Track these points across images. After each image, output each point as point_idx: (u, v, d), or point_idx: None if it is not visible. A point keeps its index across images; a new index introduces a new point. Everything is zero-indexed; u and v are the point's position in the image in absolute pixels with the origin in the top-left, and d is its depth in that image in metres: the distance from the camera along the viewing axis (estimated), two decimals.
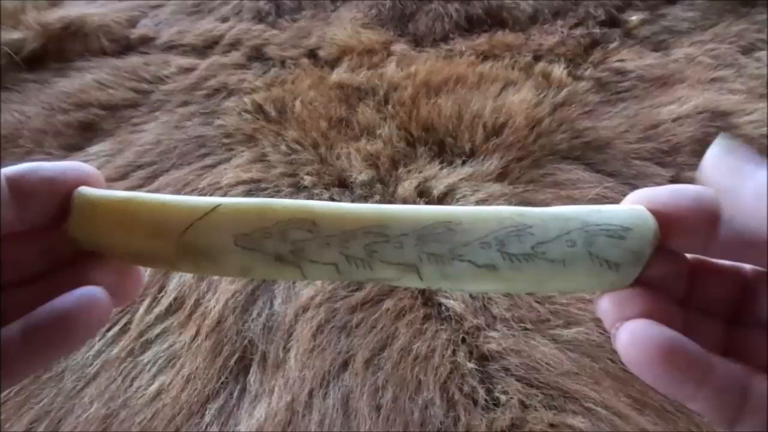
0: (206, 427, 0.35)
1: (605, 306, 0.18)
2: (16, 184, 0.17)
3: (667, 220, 0.18)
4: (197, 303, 0.41)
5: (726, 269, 0.19)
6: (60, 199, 0.18)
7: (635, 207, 0.18)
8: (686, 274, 0.19)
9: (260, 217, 0.19)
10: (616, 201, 0.19)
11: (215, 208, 0.19)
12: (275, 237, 0.19)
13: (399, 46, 0.67)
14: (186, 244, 0.19)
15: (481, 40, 0.67)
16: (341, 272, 0.19)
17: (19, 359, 0.16)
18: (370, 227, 0.19)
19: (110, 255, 0.19)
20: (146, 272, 0.43)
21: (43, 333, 0.16)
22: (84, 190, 0.19)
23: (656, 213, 0.18)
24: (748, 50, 0.63)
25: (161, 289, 0.42)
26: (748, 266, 0.19)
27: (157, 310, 0.41)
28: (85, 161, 0.20)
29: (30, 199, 0.18)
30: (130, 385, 0.37)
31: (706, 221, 0.17)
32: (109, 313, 0.17)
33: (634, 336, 0.16)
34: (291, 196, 0.48)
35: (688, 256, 0.19)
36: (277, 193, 0.49)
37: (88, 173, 0.19)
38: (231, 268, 0.19)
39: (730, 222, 0.16)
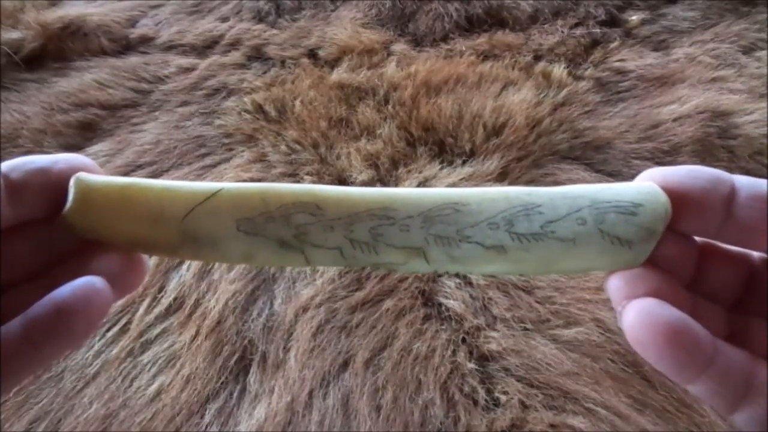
0: (206, 427, 0.35)
1: (614, 283, 0.18)
2: (7, 177, 0.17)
3: (680, 200, 0.17)
4: (197, 303, 0.41)
5: (734, 255, 0.19)
6: (54, 189, 0.18)
7: (646, 184, 0.18)
8: (695, 258, 0.18)
9: (263, 201, 0.18)
10: None
11: (217, 193, 0.18)
12: (278, 221, 0.18)
13: (399, 46, 0.66)
14: (187, 229, 0.18)
15: (481, 40, 0.66)
16: (346, 257, 0.18)
17: (21, 356, 0.15)
18: (375, 210, 0.19)
19: (110, 243, 0.18)
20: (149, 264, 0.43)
21: (42, 326, 0.15)
22: (82, 175, 0.18)
23: (670, 192, 0.17)
24: (748, 50, 0.63)
25: (161, 289, 0.42)
26: (756, 254, 0.18)
27: (157, 310, 0.41)
28: None
29: (22, 192, 0.17)
30: (130, 385, 0.37)
31: (720, 203, 0.17)
32: (110, 302, 0.16)
33: (642, 314, 0.16)
34: None
35: (697, 239, 0.19)
36: None
37: (82, 162, 0.19)
38: (233, 254, 0.19)
39: None
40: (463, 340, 0.37)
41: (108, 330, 0.40)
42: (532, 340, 0.37)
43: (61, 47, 0.66)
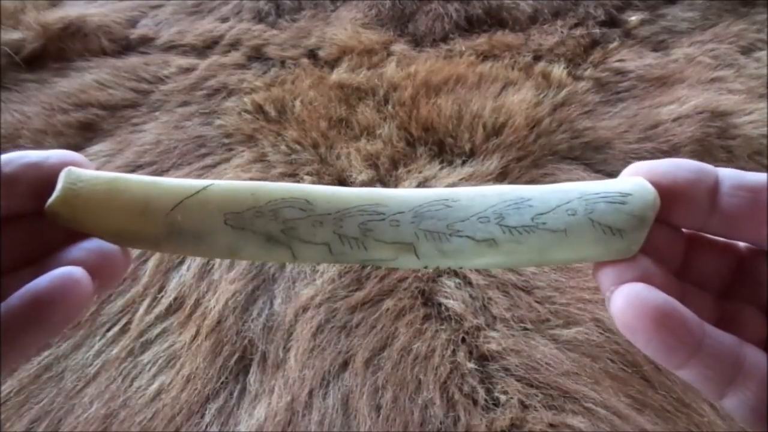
0: (206, 427, 0.35)
1: (602, 270, 0.18)
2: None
3: (666, 191, 0.17)
4: (197, 303, 0.41)
5: (720, 245, 0.19)
6: (45, 184, 0.18)
7: (632, 177, 0.18)
8: (682, 248, 0.19)
9: (253, 196, 0.18)
10: None
11: (207, 188, 0.18)
12: (267, 216, 0.18)
13: (399, 46, 0.67)
14: (173, 221, 0.18)
15: (481, 40, 0.67)
16: (334, 253, 0.18)
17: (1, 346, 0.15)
18: (365, 206, 0.19)
19: (94, 235, 0.18)
20: (146, 272, 0.43)
21: (20, 316, 0.15)
22: (72, 169, 0.18)
23: (655, 184, 0.18)
24: (747, 50, 0.63)
25: (161, 289, 0.42)
26: (742, 244, 0.19)
27: (157, 310, 0.41)
28: None
29: (14, 185, 0.17)
30: (130, 385, 0.37)
31: (705, 194, 0.17)
32: (90, 293, 0.16)
33: (630, 298, 0.16)
34: None
35: (684, 231, 0.19)
36: None
37: (73, 158, 0.19)
38: (218, 249, 0.18)
39: None
40: (463, 340, 0.38)
41: (108, 330, 0.40)
42: (532, 340, 0.37)
43: (61, 48, 0.66)
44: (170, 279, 0.42)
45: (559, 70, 0.61)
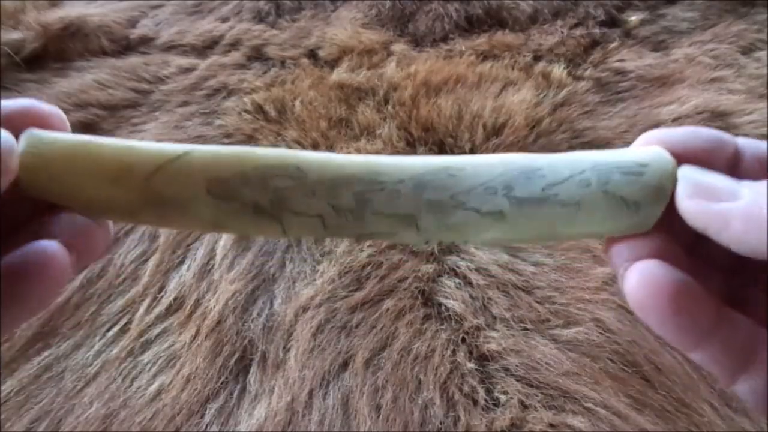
0: (206, 427, 0.35)
1: (615, 245, 0.17)
2: None
3: (682, 161, 0.16)
4: (197, 303, 0.41)
5: None
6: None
7: (648, 147, 0.17)
8: None
9: (239, 161, 0.17)
10: None
11: (189, 152, 0.17)
12: (254, 184, 0.16)
13: (399, 46, 0.67)
14: (151, 190, 0.16)
15: (481, 40, 0.67)
16: (327, 227, 0.17)
17: None
18: (363, 175, 0.17)
19: (63, 204, 0.16)
20: (146, 272, 0.43)
21: None
22: (34, 131, 0.16)
23: (671, 153, 0.16)
24: (747, 50, 0.63)
25: (161, 289, 0.42)
26: None
27: (157, 310, 0.41)
28: None
29: None
30: (130, 385, 0.37)
31: (724, 165, 0.16)
32: (67, 268, 0.15)
33: (644, 276, 0.15)
34: None
35: None
36: None
37: (43, 112, 0.17)
38: (200, 220, 0.17)
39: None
40: (463, 340, 0.38)
41: (108, 330, 0.40)
42: (532, 340, 0.37)
43: (61, 48, 0.66)
44: (170, 279, 0.42)
45: (559, 70, 0.61)
